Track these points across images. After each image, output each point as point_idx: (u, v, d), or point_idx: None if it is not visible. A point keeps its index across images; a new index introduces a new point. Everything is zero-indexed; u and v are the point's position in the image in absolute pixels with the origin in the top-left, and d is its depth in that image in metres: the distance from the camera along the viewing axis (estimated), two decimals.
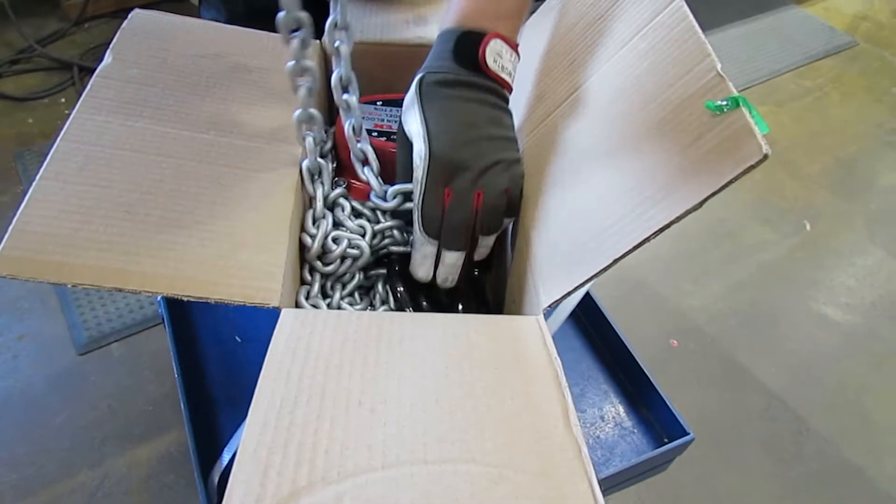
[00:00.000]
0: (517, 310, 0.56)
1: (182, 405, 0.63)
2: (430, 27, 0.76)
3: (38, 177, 0.51)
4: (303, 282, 0.59)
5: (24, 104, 2.01)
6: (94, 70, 0.60)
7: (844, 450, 1.47)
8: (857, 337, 1.70)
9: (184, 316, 0.72)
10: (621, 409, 0.69)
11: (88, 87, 0.58)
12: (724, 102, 0.42)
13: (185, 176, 0.54)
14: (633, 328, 1.68)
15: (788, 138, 2.22)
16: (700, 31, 0.48)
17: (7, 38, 2.18)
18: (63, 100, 2.01)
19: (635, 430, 0.68)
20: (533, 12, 0.73)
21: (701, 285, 1.77)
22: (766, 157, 0.37)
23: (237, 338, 0.72)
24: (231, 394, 0.68)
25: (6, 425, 1.34)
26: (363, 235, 0.61)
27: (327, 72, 0.75)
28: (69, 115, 0.56)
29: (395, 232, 0.62)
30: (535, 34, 0.70)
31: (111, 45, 0.62)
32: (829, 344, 1.68)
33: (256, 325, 0.72)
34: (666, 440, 0.67)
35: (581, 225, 0.50)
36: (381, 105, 0.70)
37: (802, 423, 1.51)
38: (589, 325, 0.76)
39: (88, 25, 2.29)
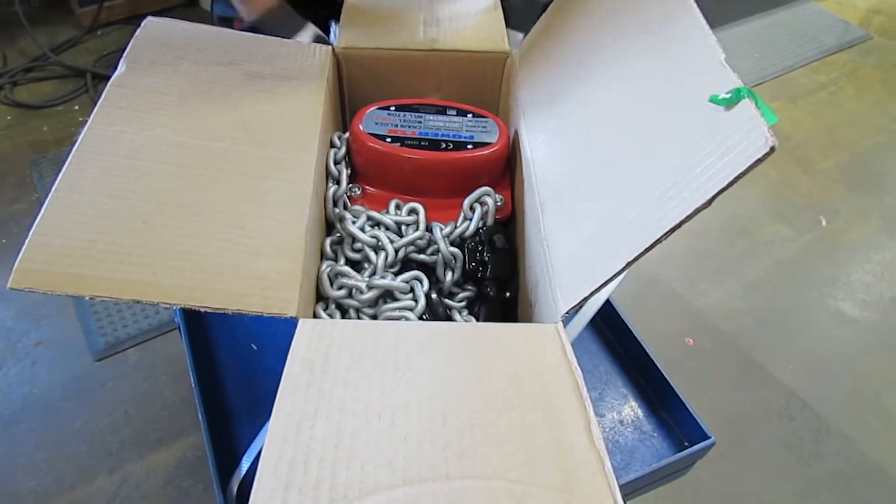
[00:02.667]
0: (535, 316, 0.55)
1: (199, 414, 0.63)
2: (443, 27, 0.75)
3: (53, 188, 0.50)
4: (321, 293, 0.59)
5: (38, 112, 2.02)
6: (107, 77, 0.60)
7: (865, 447, 1.46)
8: (875, 333, 1.68)
9: (200, 324, 0.72)
10: (640, 412, 0.69)
11: (103, 96, 0.58)
12: (729, 95, 0.41)
13: (201, 185, 0.54)
14: (648, 327, 1.67)
15: (803, 133, 2.20)
16: (705, 22, 0.47)
17: (21, 46, 2.20)
18: (77, 107, 2.02)
19: (655, 434, 0.67)
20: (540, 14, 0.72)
21: (716, 283, 1.76)
22: (772, 149, 0.37)
23: (253, 345, 0.72)
24: (248, 401, 0.68)
25: (24, 431, 1.35)
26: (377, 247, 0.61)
27: (339, 75, 0.75)
28: (84, 122, 0.56)
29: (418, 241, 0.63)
30: (543, 35, 0.70)
31: (125, 54, 0.62)
32: (847, 341, 1.66)
33: (273, 332, 0.72)
34: (686, 444, 0.66)
35: (596, 227, 0.49)
36: (395, 110, 0.70)
37: (822, 421, 1.50)
38: (606, 328, 0.75)
39: (101, 32, 2.30)
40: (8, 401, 1.39)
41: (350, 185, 0.67)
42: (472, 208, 0.65)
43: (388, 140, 0.66)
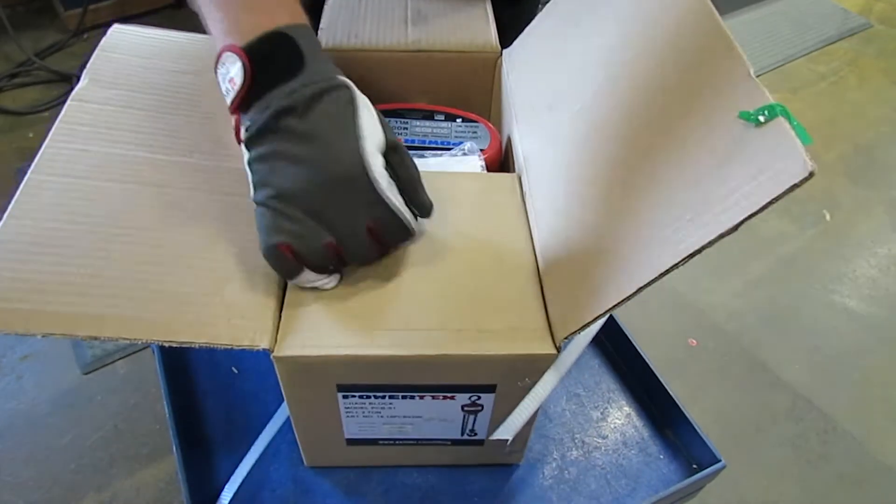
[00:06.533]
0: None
1: (174, 445, 0.60)
2: (430, 26, 0.71)
3: (6, 215, 0.47)
4: None
5: (24, 118, 1.98)
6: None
7: (874, 448, 1.42)
8: (882, 330, 1.64)
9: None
10: (646, 433, 0.65)
11: (62, 112, 0.54)
12: (761, 112, 0.37)
13: (167, 206, 0.50)
14: (650, 328, 1.64)
15: (805, 125, 2.13)
16: (726, 28, 0.44)
17: (6, 51, 2.15)
18: None
19: (661, 456, 0.63)
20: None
21: (719, 281, 1.72)
22: (811, 174, 0.33)
23: (234, 368, 0.68)
24: (228, 429, 0.64)
25: (11, 448, 1.32)
26: None
27: None
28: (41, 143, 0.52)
29: None
30: (540, 33, 0.66)
31: (87, 66, 0.58)
32: (853, 338, 1.62)
33: (255, 354, 0.67)
34: (695, 466, 0.62)
35: (599, 248, 0.46)
36: None
37: (829, 421, 1.46)
38: (608, 342, 0.71)
39: (87, 36, 2.26)
40: None
41: None
42: None
43: None
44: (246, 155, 0.46)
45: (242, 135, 0.45)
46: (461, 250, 0.51)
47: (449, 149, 0.64)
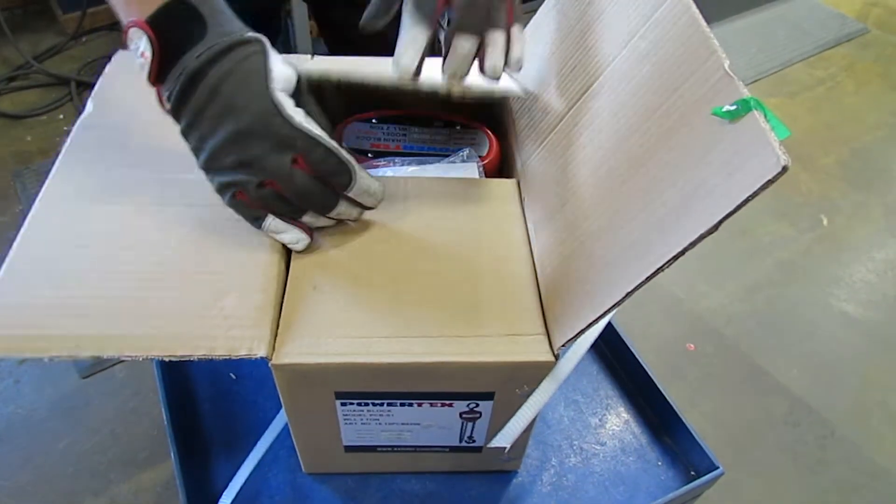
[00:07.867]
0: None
1: (172, 452, 0.60)
2: None
3: (15, 244, 0.48)
4: None
5: (21, 122, 1.97)
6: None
7: (872, 453, 1.42)
8: (879, 334, 1.64)
9: None
10: (644, 439, 0.65)
11: (69, 140, 0.56)
12: (734, 107, 0.37)
13: (167, 223, 0.50)
14: (647, 333, 1.64)
15: (802, 130, 2.16)
16: (704, 23, 0.44)
17: (3, 54, 2.15)
18: (61, 116, 1.97)
19: (660, 463, 0.63)
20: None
21: (717, 285, 1.72)
22: (785, 168, 0.33)
23: (232, 375, 0.68)
24: (226, 435, 0.64)
25: (8, 452, 1.31)
26: None
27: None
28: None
29: None
30: (532, 38, 0.66)
31: (93, 93, 0.60)
32: (851, 343, 1.62)
33: (254, 361, 0.67)
34: (693, 473, 0.62)
35: (591, 253, 0.46)
36: (377, 122, 0.66)
37: (827, 426, 1.46)
38: (606, 348, 0.71)
39: (86, 39, 2.26)
40: None
41: None
42: None
43: (369, 156, 0.62)
44: (176, 126, 0.47)
45: (166, 105, 0.46)
46: (459, 257, 0.52)
47: (447, 155, 0.64)
